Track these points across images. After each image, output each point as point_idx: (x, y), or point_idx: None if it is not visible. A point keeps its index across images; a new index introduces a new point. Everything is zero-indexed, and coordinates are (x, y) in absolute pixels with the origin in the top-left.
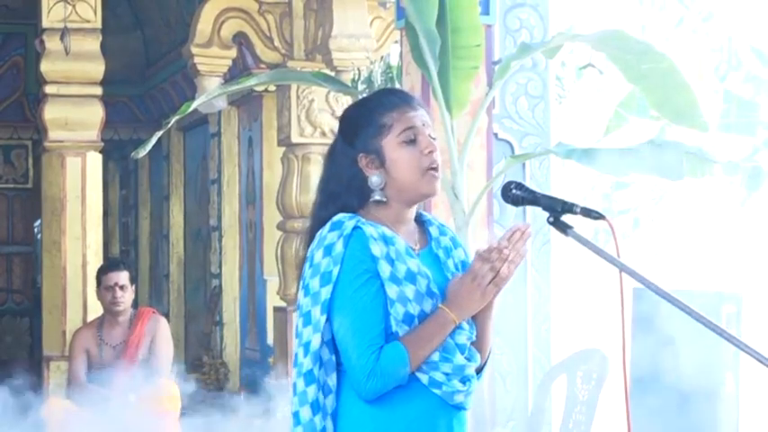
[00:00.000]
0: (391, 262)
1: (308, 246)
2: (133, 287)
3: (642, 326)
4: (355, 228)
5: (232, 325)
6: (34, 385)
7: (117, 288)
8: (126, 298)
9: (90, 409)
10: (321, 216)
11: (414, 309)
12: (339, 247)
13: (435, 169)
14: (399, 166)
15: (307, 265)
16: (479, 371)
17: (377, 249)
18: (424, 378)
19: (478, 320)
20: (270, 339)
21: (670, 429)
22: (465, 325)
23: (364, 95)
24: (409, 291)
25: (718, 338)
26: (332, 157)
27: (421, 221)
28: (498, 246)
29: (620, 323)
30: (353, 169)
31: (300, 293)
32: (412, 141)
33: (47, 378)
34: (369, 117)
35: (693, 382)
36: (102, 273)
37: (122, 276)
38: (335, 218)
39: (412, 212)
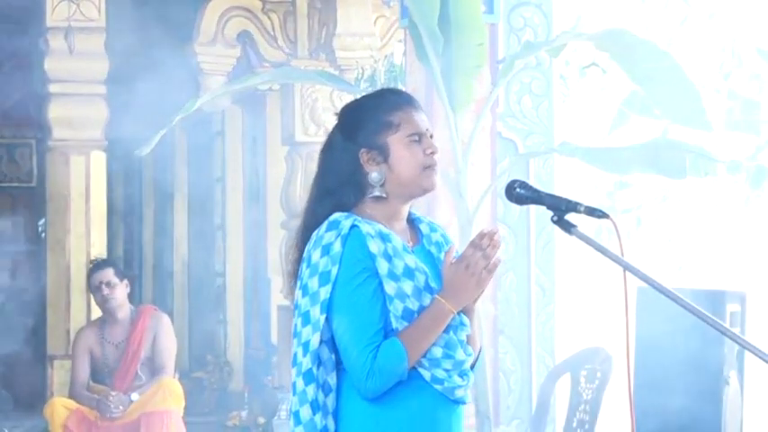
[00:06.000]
0: (389, 258)
1: (301, 242)
2: (124, 282)
3: (646, 325)
4: (352, 227)
5: (236, 324)
6: (38, 384)
7: (103, 286)
8: (116, 294)
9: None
10: (316, 211)
11: (412, 304)
12: (337, 247)
13: (434, 169)
14: (403, 162)
15: (304, 265)
16: (472, 365)
17: (374, 246)
18: (426, 374)
19: (465, 313)
20: (274, 338)
21: (673, 428)
22: (466, 320)
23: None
24: (407, 287)
25: (722, 337)
26: (330, 152)
27: (410, 220)
28: (489, 232)
29: (623, 322)
30: (354, 164)
31: (298, 293)
32: (417, 141)
33: (51, 377)
34: (373, 114)
35: (697, 381)
36: (88, 276)
37: (106, 274)
38: (332, 217)
39: (406, 210)
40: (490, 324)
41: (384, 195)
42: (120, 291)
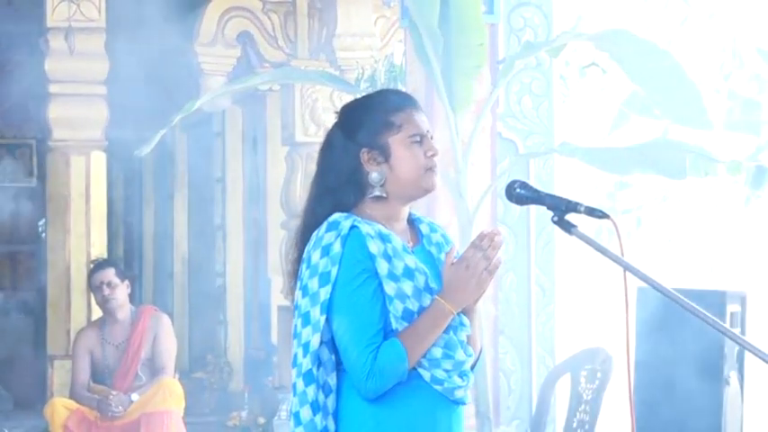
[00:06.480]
0: (389, 259)
1: (300, 242)
2: (125, 283)
3: (646, 325)
4: (352, 227)
5: (236, 324)
6: (38, 384)
7: (104, 286)
8: (117, 294)
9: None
10: (316, 210)
11: (413, 305)
12: (337, 248)
13: (435, 170)
14: (404, 163)
15: (304, 265)
16: (473, 365)
17: (374, 247)
18: (426, 375)
19: (466, 314)
20: (274, 338)
21: (674, 429)
22: (466, 321)
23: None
24: (407, 287)
25: (722, 337)
26: (329, 152)
27: (411, 220)
28: (490, 233)
29: (624, 322)
30: (355, 164)
31: (298, 294)
32: (418, 142)
33: (51, 377)
34: (375, 114)
35: (697, 382)
36: (89, 276)
37: (107, 274)
38: (332, 218)
39: (406, 211)
40: (490, 324)
41: (384, 195)
42: (121, 291)
